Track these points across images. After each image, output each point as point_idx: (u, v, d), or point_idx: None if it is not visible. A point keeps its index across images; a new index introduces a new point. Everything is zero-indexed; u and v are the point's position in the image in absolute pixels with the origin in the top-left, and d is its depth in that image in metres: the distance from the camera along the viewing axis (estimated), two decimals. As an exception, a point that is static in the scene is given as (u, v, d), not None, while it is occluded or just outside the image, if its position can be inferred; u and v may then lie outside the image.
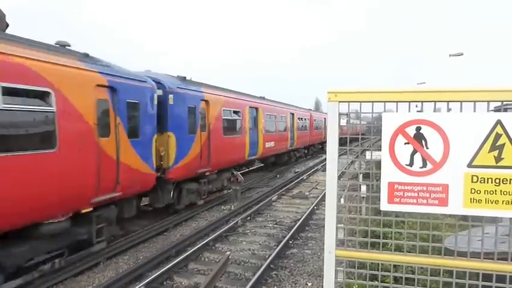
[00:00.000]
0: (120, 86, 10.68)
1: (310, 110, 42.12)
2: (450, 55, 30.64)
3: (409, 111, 3.35)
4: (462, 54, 30.53)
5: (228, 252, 10.84)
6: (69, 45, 10.02)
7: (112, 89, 10.41)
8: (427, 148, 3.25)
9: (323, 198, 17.77)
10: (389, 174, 3.27)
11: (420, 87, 3.62)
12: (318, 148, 43.14)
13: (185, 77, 15.73)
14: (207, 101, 16.00)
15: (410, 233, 3.50)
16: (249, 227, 13.73)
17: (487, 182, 3.16)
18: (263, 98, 24.94)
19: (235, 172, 18.04)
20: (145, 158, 11.78)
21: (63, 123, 8.60)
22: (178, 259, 10.06)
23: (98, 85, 9.84)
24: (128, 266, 10.12)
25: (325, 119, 42.93)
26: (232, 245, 11.80)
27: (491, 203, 3.16)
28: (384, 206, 3.28)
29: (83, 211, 9.56)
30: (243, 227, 13.65)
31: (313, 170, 28.89)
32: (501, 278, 3.25)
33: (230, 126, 18.13)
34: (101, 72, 10.03)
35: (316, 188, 21.56)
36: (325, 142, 3.29)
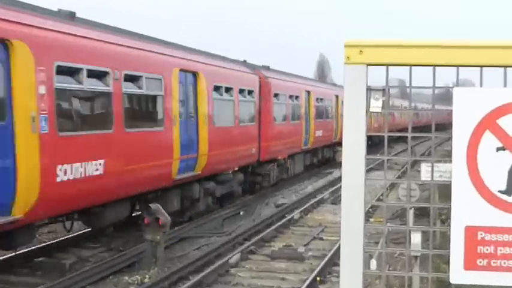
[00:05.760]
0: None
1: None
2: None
3: (505, 85, 1.75)
4: None
5: None
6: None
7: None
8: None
9: (336, 258, 9.45)
10: (467, 210, 1.72)
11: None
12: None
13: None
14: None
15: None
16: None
17: None
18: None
19: (153, 206, 9.96)
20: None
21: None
22: None
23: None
24: None
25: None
26: None
27: None
28: (458, 275, 1.72)
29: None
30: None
31: (313, 200, 16.95)
32: None
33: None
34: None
35: (321, 238, 12.28)
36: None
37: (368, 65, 1.82)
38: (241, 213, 15.16)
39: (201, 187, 13.20)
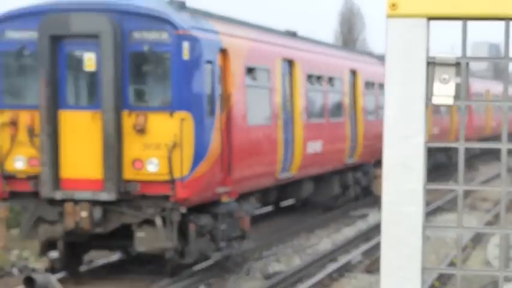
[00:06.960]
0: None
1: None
2: None
3: None
4: None
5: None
6: None
7: None
8: None
9: None
10: None
11: None
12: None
13: None
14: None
15: None
16: None
17: None
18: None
19: (40, 278, 6.48)
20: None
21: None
22: None
23: None
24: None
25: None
26: None
27: None
28: None
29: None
30: None
31: (332, 265, 10.25)
32: None
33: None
34: None
35: None
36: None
37: (430, 18, 0.98)
38: None
39: (352, 175, 15.22)
